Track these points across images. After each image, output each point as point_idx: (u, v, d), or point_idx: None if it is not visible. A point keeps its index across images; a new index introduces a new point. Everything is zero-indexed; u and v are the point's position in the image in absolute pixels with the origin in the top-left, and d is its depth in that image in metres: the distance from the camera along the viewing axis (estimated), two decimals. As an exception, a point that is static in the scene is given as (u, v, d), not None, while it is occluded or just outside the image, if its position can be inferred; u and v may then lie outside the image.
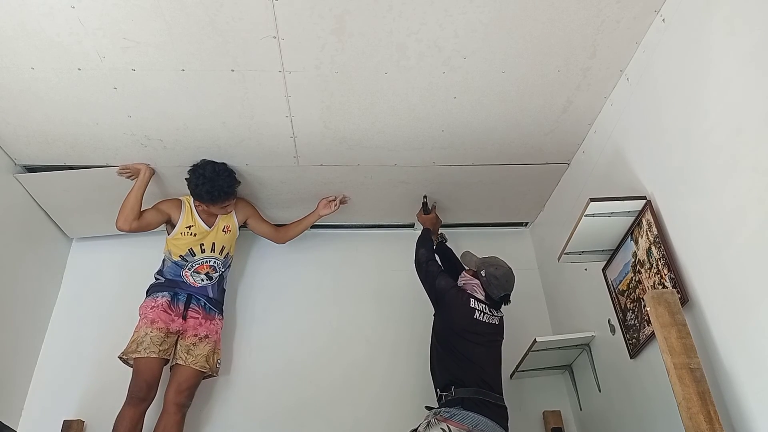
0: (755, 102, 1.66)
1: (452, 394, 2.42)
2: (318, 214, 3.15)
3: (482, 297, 2.62)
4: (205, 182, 2.77)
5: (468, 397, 2.40)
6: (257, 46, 2.20)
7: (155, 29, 2.14)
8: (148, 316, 2.78)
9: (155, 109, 2.52)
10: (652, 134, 2.20)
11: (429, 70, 2.33)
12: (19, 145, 2.73)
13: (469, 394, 2.41)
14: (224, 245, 2.98)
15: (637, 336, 2.31)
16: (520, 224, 3.65)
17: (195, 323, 2.85)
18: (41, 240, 3.18)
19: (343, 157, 2.85)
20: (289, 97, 2.46)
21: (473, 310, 2.57)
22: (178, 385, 2.75)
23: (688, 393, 1.71)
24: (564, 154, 2.90)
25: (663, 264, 2.08)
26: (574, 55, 2.30)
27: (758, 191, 1.65)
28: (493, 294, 2.61)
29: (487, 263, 2.68)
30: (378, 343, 3.21)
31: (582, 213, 2.27)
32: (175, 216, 2.94)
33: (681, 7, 2.00)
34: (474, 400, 2.39)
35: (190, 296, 2.88)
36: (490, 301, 2.62)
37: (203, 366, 2.79)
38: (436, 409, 2.44)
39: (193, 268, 2.90)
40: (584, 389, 2.93)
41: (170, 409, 2.71)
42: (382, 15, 2.09)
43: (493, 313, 2.61)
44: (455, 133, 2.69)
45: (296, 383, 3.07)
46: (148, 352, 2.68)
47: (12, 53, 2.24)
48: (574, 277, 2.92)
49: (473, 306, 2.58)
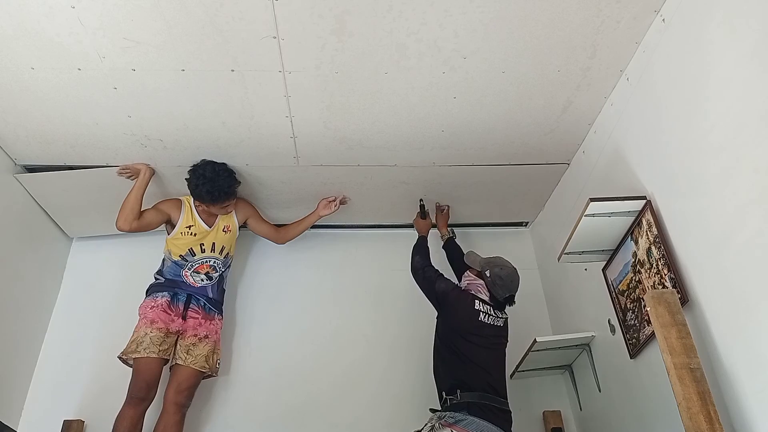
0: (755, 102, 1.66)
1: (457, 398, 2.37)
2: (318, 214, 3.15)
3: (487, 298, 2.59)
4: (205, 182, 2.77)
5: (474, 402, 2.35)
6: (257, 46, 2.20)
7: (155, 29, 2.14)
8: (148, 316, 2.78)
9: (155, 109, 2.52)
10: (652, 134, 2.20)
11: (429, 70, 2.33)
12: (19, 145, 2.73)
13: (475, 399, 2.35)
14: (224, 245, 2.98)
15: (637, 336, 2.31)
16: (520, 224, 3.65)
17: (195, 323, 2.85)
18: (41, 240, 3.18)
19: (343, 158, 2.85)
20: (289, 97, 2.46)
21: (478, 312, 2.53)
22: (177, 385, 2.75)
23: (688, 393, 1.71)
24: (564, 154, 2.90)
25: (663, 264, 2.08)
26: (574, 55, 2.30)
27: (758, 191, 1.65)
28: (498, 295, 2.58)
29: (492, 263, 2.65)
30: (378, 343, 3.21)
31: (582, 213, 2.27)
32: (175, 216, 2.94)
33: (681, 7, 2.00)
34: (479, 405, 2.34)
35: (190, 296, 2.88)
36: (494, 302, 2.59)
37: (203, 366, 2.79)
38: (441, 413, 2.40)
39: (193, 268, 2.90)
40: (584, 389, 2.93)
41: (170, 409, 2.71)
42: (382, 15, 2.09)
43: (497, 314, 2.57)
44: (455, 133, 2.69)
45: (296, 383, 3.07)
46: (147, 352, 2.69)
47: (12, 53, 2.24)
48: (574, 277, 2.92)
49: (478, 308, 2.54)
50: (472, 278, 2.67)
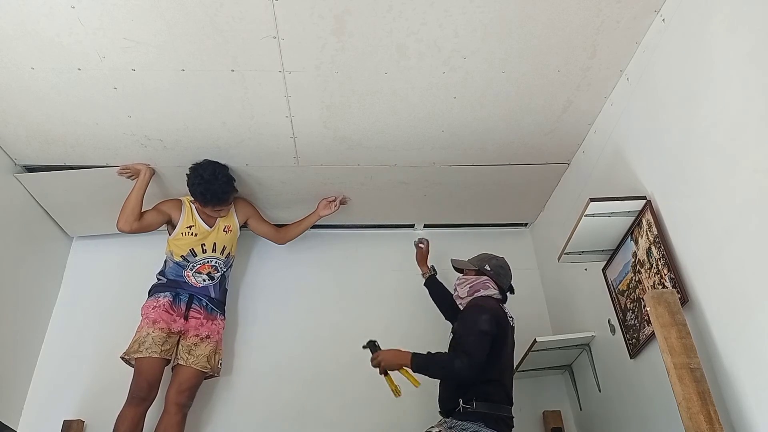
0: (755, 102, 1.66)
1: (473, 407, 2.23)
2: (318, 214, 3.15)
3: (496, 292, 2.49)
4: (201, 183, 2.78)
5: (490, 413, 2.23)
6: (257, 46, 2.20)
7: (155, 29, 2.14)
8: (150, 316, 2.78)
9: (155, 109, 2.52)
10: (652, 134, 2.20)
11: (429, 70, 2.33)
12: (19, 145, 2.73)
13: (493, 410, 2.24)
14: (225, 245, 2.98)
15: (637, 336, 2.31)
16: (520, 224, 3.65)
17: (197, 323, 2.85)
18: (42, 239, 3.18)
19: (343, 158, 2.85)
20: (289, 97, 2.46)
21: (506, 315, 2.43)
22: (179, 385, 2.75)
23: (688, 393, 1.71)
24: (564, 154, 2.90)
25: (663, 264, 2.08)
26: (574, 55, 2.30)
27: (758, 191, 1.65)
28: (504, 284, 2.53)
29: (485, 258, 2.60)
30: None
31: (582, 213, 2.27)
32: (176, 216, 2.95)
33: (681, 7, 2.00)
34: (496, 417, 2.24)
35: (192, 296, 2.89)
36: (502, 295, 2.53)
37: (204, 366, 2.79)
38: (456, 422, 2.24)
39: (194, 269, 2.90)
40: (584, 389, 2.93)
41: (171, 409, 2.71)
42: (382, 15, 2.09)
43: (509, 312, 2.50)
44: (455, 133, 2.69)
45: (297, 383, 3.07)
46: (149, 352, 2.69)
47: (12, 53, 2.24)
48: (574, 277, 2.92)
49: (506, 311, 2.45)
50: (473, 278, 2.53)
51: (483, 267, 2.57)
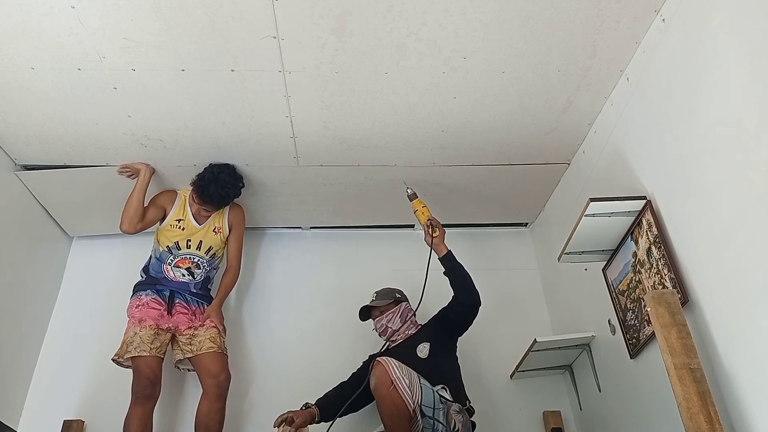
0: (755, 102, 1.66)
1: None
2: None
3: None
4: (202, 179, 2.82)
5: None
6: (257, 46, 2.20)
7: (155, 29, 2.14)
8: (135, 316, 2.76)
9: (155, 109, 2.52)
10: (652, 134, 2.20)
11: (429, 70, 2.33)
12: (19, 144, 2.73)
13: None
14: (212, 245, 2.96)
15: (637, 336, 2.31)
16: (520, 224, 3.64)
17: (186, 318, 2.82)
18: (42, 238, 3.18)
19: (343, 158, 2.85)
20: (289, 97, 2.46)
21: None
22: (207, 371, 2.74)
23: (688, 393, 1.71)
24: (564, 154, 2.90)
25: (663, 264, 2.08)
26: (574, 55, 2.30)
27: (758, 191, 1.65)
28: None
29: (389, 290, 2.86)
30: (378, 343, 3.19)
31: (582, 213, 2.27)
32: (169, 208, 2.96)
33: (681, 7, 2.00)
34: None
35: (174, 292, 2.86)
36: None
37: (210, 347, 2.77)
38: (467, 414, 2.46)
39: (173, 263, 2.87)
40: (584, 389, 2.93)
41: (211, 391, 2.72)
42: (382, 15, 2.09)
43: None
44: (455, 133, 2.69)
45: (296, 383, 3.05)
46: (138, 351, 2.65)
47: (12, 53, 2.24)
48: (574, 277, 2.92)
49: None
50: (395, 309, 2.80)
51: (394, 296, 2.80)
